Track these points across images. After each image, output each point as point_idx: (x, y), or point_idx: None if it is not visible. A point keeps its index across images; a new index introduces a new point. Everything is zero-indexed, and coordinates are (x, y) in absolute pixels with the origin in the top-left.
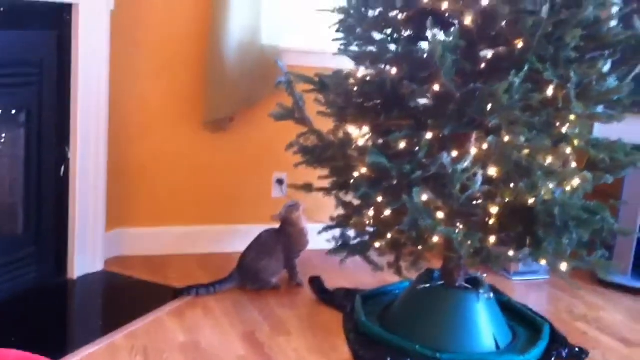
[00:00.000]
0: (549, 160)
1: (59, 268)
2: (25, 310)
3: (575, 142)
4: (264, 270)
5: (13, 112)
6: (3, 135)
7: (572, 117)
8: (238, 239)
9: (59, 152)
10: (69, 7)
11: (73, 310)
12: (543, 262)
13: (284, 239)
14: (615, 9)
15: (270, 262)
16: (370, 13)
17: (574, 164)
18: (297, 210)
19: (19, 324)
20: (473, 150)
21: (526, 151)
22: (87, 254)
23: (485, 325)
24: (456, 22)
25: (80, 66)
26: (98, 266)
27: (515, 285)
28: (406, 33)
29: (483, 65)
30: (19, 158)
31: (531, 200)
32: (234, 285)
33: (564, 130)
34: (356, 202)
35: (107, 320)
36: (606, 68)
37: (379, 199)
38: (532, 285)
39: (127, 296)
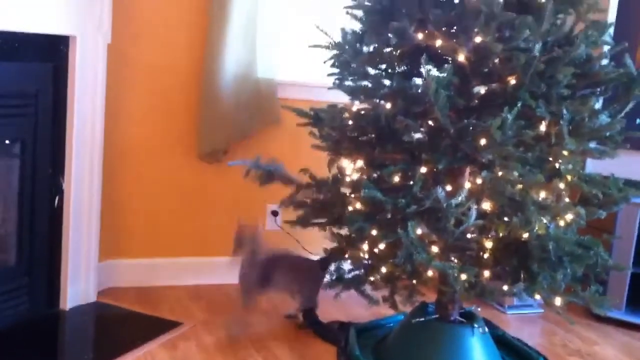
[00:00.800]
0: (543, 195)
1: (52, 299)
2: (17, 341)
3: (569, 177)
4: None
5: (7, 142)
6: None
7: (565, 152)
8: (231, 270)
9: (53, 183)
10: (65, 39)
11: (65, 342)
12: (537, 297)
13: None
14: (606, 48)
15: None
16: (365, 49)
17: (567, 199)
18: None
19: (11, 355)
20: (467, 185)
21: (520, 186)
22: (80, 285)
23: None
24: (450, 58)
25: (76, 98)
26: (91, 297)
27: (509, 319)
28: (400, 69)
29: (476, 101)
30: (13, 189)
31: (525, 235)
32: None
33: (557, 165)
34: (351, 235)
35: (98, 352)
36: (598, 105)
37: (374, 232)
38: (526, 319)
39: (119, 328)
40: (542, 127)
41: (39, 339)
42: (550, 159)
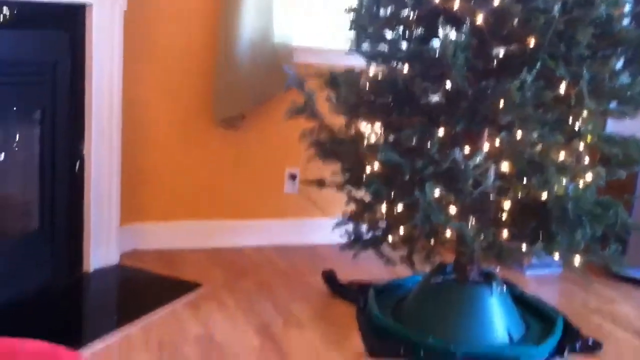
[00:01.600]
0: (562, 156)
1: (75, 263)
2: (42, 305)
3: (588, 138)
4: None
5: (28, 110)
6: (18, 133)
7: (584, 113)
8: (251, 233)
9: (73, 149)
10: (82, 7)
11: (89, 304)
12: (556, 256)
13: None
14: (627, 8)
15: None
16: (382, 12)
17: (587, 160)
18: None
19: (36, 318)
20: (485, 147)
21: (539, 147)
22: (102, 248)
23: (498, 319)
24: (467, 20)
25: (94, 65)
26: (113, 260)
27: (528, 280)
28: (417, 32)
29: (495, 63)
30: (34, 156)
31: (544, 196)
32: None
33: (576, 126)
34: (368, 198)
35: (122, 313)
36: (619, 65)
37: (391, 194)
38: (545, 280)
39: (141, 289)
40: (562, 88)
41: (64, 302)
42: (570, 120)
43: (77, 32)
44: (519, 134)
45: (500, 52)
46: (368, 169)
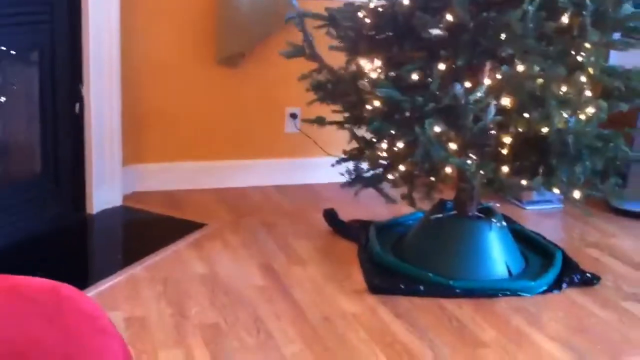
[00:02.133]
0: (564, 89)
1: (78, 204)
2: (47, 246)
3: (591, 70)
4: None
5: (26, 51)
6: (16, 76)
7: (587, 45)
8: (252, 173)
9: (73, 90)
10: None
11: (93, 245)
12: (556, 191)
13: None
14: None
15: None
16: None
17: (588, 93)
18: None
19: (41, 259)
20: (486, 81)
21: (540, 80)
22: (105, 190)
23: (497, 253)
24: None
25: (91, 4)
26: (116, 201)
27: (528, 215)
28: None
29: None
30: (33, 97)
31: (545, 130)
32: None
33: (579, 58)
34: (369, 135)
35: (126, 253)
36: None
37: (392, 131)
38: (545, 215)
39: (145, 230)
40: (565, 19)
41: (69, 242)
42: (573, 51)
43: None
44: (520, 67)
45: None
46: (369, 107)
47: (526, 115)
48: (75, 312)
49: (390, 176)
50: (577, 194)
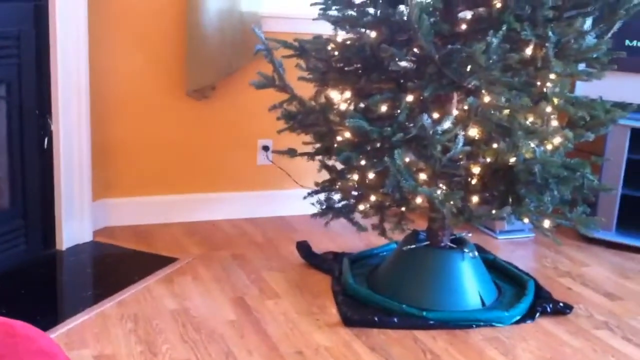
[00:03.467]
0: (530, 119)
1: (48, 240)
2: (16, 282)
3: (555, 100)
4: None
5: None
6: None
7: (551, 75)
8: (224, 206)
9: (41, 124)
10: None
11: (63, 281)
12: (526, 220)
13: None
14: None
15: None
16: None
17: (555, 123)
18: None
19: (10, 296)
20: (454, 112)
21: (506, 111)
22: (75, 225)
23: (470, 283)
24: None
25: (59, 37)
26: (86, 237)
27: (501, 244)
28: None
29: (463, 27)
30: (1, 132)
31: (512, 160)
32: None
33: (544, 89)
34: (340, 166)
35: (97, 289)
36: (586, 26)
37: (362, 162)
38: (517, 244)
39: (116, 265)
40: (528, 51)
41: (38, 279)
42: (538, 82)
43: (41, 3)
44: (486, 98)
45: (468, 15)
46: (339, 138)
47: (494, 145)
48: (31, 352)
49: (361, 206)
50: (546, 223)
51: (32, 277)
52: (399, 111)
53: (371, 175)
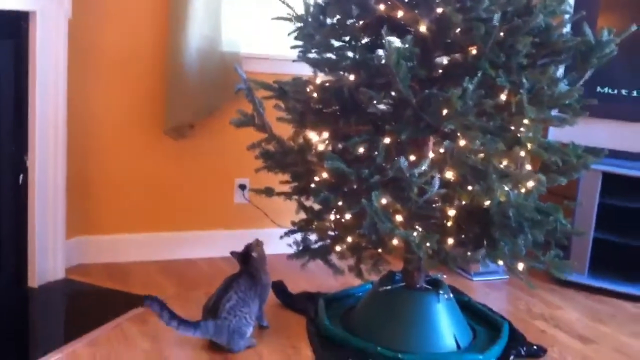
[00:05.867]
0: (504, 163)
1: (20, 277)
2: None
3: (529, 145)
4: (247, 326)
5: None
6: None
7: (525, 121)
8: (201, 245)
9: (17, 161)
10: (26, 15)
11: (34, 319)
12: (500, 263)
13: (258, 285)
14: (566, 16)
15: (251, 315)
16: (328, 20)
17: (528, 167)
18: (262, 245)
19: None
20: (430, 155)
21: (481, 155)
22: (48, 263)
23: (445, 326)
24: (411, 29)
25: (38, 74)
26: (59, 274)
27: (476, 286)
28: (363, 40)
29: (439, 72)
30: None
31: (487, 203)
32: (201, 336)
33: (518, 134)
34: (317, 206)
35: (68, 328)
36: (559, 73)
37: (339, 203)
38: (492, 285)
39: (88, 304)
40: (503, 97)
41: (9, 317)
42: (512, 127)
43: (21, 41)
44: (462, 141)
45: (444, 60)
46: (316, 178)
47: (469, 188)
48: None
49: (338, 247)
50: (520, 266)
51: (2, 315)
52: (376, 153)
53: (348, 217)
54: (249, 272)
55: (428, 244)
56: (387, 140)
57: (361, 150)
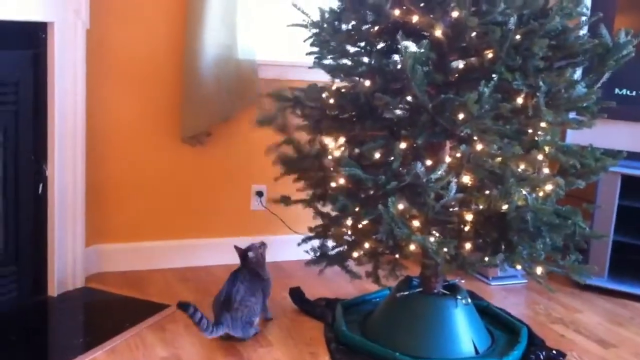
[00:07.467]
0: (522, 167)
1: (39, 286)
2: (5, 329)
3: (546, 148)
4: (255, 315)
5: None
6: None
7: (542, 124)
8: (218, 251)
9: (36, 170)
10: (44, 25)
11: (54, 328)
12: (518, 267)
13: (261, 280)
14: (582, 18)
15: (258, 304)
16: (344, 27)
17: (546, 170)
18: (265, 248)
19: (1, 343)
20: (447, 159)
21: (499, 159)
22: (67, 271)
23: (464, 331)
24: (427, 34)
25: (57, 84)
26: (78, 283)
27: (494, 290)
28: (379, 46)
29: (455, 76)
30: None
31: (505, 207)
32: (222, 333)
33: (535, 137)
34: (334, 212)
35: (88, 337)
36: (576, 76)
37: (356, 209)
38: (510, 290)
39: (107, 312)
40: (519, 100)
41: (28, 326)
42: (529, 131)
43: (40, 51)
44: (478, 146)
45: (460, 64)
46: (333, 184)
47: (486, 192)
48: None
49: (355, 253)
50: (539, 270)
51: (22, 323)
52: (392, 158)
53: (365, 223)
54: (250, 271)
55: (445, 250)
56: (403, 145)
57: (377, 155)
